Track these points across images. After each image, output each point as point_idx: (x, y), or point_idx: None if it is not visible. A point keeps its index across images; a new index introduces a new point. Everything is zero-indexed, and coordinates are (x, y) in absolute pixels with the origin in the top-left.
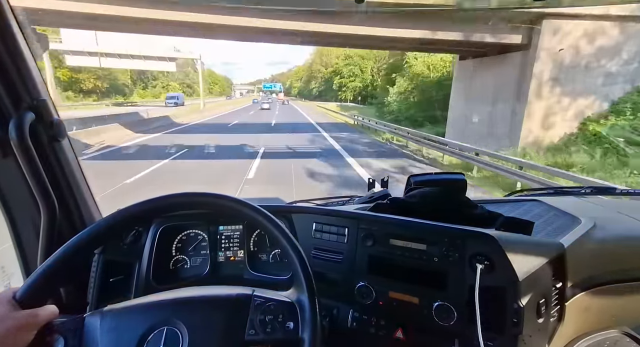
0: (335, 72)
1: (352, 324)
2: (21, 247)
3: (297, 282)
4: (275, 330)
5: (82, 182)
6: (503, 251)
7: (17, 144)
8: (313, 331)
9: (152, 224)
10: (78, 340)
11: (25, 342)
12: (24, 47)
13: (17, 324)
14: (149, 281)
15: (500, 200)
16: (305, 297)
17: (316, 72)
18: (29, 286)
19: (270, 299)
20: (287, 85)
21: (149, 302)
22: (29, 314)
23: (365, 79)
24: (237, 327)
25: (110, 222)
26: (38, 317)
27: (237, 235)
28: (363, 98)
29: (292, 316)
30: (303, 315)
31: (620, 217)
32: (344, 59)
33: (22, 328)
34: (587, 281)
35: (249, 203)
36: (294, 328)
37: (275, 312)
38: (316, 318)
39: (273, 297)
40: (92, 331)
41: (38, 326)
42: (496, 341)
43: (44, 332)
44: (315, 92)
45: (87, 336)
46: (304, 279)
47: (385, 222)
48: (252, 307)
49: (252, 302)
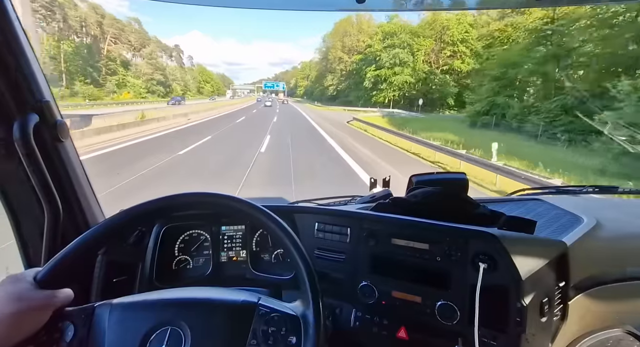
0: (367, 59)
1: (355, 323)
2: (25, 247)
3: (303, 294)
4: (277, 343)
5: (85, 183)
6: (506, 250)
7: (21, 145)
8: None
9: (155, 224)
10: (87, 329)
11: (40, 322)
12: (28, 48)
13: (36, 304)
14: (152, 282)
15: (502, 199)
16: (310, 313)
17: (334, 62)
18: (50, 268)
19: (275, 310)
20: (291, 84)
21: (156, 299)
22: (47, 295)
23: (418, 69)
24: (239, 335)
25: (114, 223)
26: (55, 298)
27: (239, 235)
28: (409, 101)
29: (296, 331)
30: (307, 331)
31: (622, 216)
32: (381, 39)
33: (40, 308)
34: (590, 280)
35: (252, 203)
36: (296, 343)
37: (278, 325)
38: (319, 336)
39: (278, 308)
40: (101, 322)
41: (54, 308)
42: (499, 340)
43: (56, 318)
44: (331, 92)
45: (96, 326)
46: (310, 292)
47: (388, 222)
48: (256, 316)
49: (256, 311)
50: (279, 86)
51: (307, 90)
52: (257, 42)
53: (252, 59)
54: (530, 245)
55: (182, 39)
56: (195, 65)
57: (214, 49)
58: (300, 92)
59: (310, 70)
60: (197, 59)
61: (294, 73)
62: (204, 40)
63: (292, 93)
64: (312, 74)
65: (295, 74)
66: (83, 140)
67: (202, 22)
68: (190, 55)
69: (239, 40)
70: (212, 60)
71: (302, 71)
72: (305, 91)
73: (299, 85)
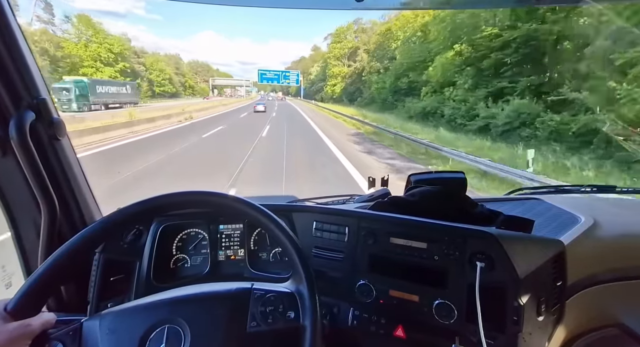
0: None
1: (353, 322)
2: (22, 246)
3: (296, 273)
4: (276, 320)
5: (82, 180)
6: (503, 249)
7: (18, 143)
8: (314, 317)
9: (152, 223)
10: (77, 345)
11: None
12: (24, 46)
13: (9, 337)
14: (149, 280)
15: (500, 198)
16: (304, 286)
17: (390, 37)
18: (21, 296)
19: (270, 290)
20: (311, 75)
21: (147, 302)
22: (20, 325)
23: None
24: (238, 321)
25: (111, 222)
26: (31, 327)
27: (237, 234)
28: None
29: (293, 306)
30: (303, 303)
31: (620, 215)
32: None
33: (15, 341)
34: (588, 279)
35: (249, 202)
36: (295, 317)
37: (275, 303)
38: (316, 305)
39: (272, 288)
40: (91, 335)
41: (32, 336)
42: (497, 339)
43: (42, 339)
44: (387, 94)
45: (86, 341)
46: (302, 270)
47: (386, 221)
48: (252, 299)
49: (251, 295)
50: (287, 78)
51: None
52: (272, 41)
53: (266, 58)
54: (527, 244)
55: (196, 38)
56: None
57: (227, 48)
58: (333, 90)
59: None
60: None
61: (305, 62)
62: (218, 39)
63: (315, 90)
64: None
65: (307, 63)
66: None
67: (217, 22)
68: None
69: (253, 40)
70: (225, 59)
71: (313, 59)
72: (311, 85)
73: (309, 73)
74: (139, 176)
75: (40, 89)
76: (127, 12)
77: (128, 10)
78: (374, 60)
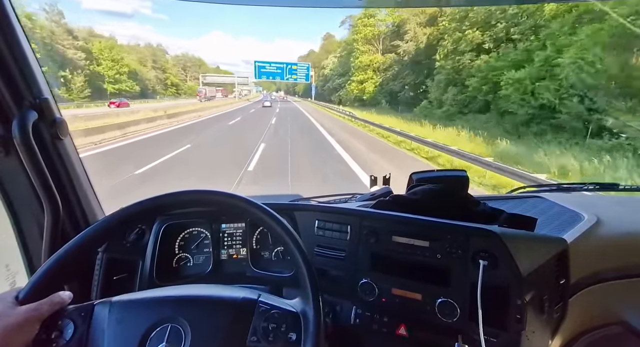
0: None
1: (355, 320)
2: (25, 245)
3: (303, 291)
4: (277, 339)
5: (85, 180)
6: (506, 247)
7: (20, 143)
8: (316, 344)
9: (155, 222)
10: (87, 327)
11: (31, 335)
12: (27, 46)
13: (17, 321)
14: (152, 279)
15: (502, 197)
16: (310, 310)
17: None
18: (32, 285)
19: (275, 306)
20: (326, 69)
21: (155, 296)
22: (28, 309)
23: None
24: (239, 332)
25: (113, 221)
26: (40, 310)
27: (239, 233)
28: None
29: (296, 327)
30: (307, 328)
31: (623, 213)
32: None
33: (23, 323)
34: (591, 277)
35: (252, 201)
36: (296, 340)
37: (278, 321)
38: (320, 333)
39: (278, 305)
40: (100, 320)
41: (41, 319)
42: (500, 337)
43: (55, 317)
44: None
45: (95, 324)
46: (310, 289)
47: (388, 219)
48: (257, 313)
49: (256, 308)
50: (293, 72)
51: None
52: (277, 40)
53: (272, 57)
54: (530, 242)
55: (203, 38)
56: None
57: (233, 47)
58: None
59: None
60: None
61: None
62: (225, 38)
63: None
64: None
65: (318, 54)
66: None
67: (223, 22)
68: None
69: (259, 39)
70: (231, 59)
71: (327, 48)
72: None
73: (323, 67)
74: None
75: (42, 88)
76: (134, 12)
77: (135, 9)
78: (468, 27)
